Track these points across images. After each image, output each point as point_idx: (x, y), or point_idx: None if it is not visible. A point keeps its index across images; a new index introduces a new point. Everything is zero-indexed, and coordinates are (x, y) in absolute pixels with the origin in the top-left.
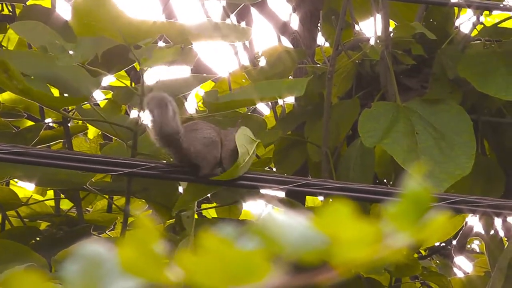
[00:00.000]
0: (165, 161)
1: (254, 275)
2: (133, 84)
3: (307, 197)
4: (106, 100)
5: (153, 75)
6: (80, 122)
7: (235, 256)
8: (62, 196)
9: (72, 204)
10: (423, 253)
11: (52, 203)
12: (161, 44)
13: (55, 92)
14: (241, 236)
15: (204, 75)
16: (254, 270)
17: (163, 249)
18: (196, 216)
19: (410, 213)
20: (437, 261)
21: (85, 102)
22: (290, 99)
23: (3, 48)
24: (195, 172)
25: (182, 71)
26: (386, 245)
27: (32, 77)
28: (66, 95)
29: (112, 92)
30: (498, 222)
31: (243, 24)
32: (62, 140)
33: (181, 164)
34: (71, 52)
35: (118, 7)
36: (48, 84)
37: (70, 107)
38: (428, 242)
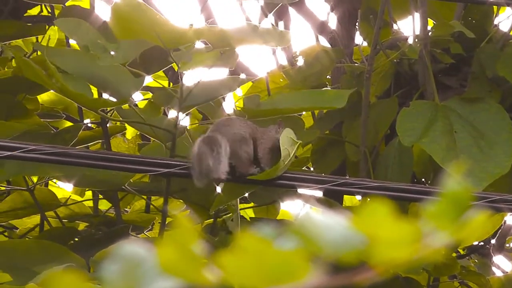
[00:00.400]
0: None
1: (293, 275)
2: (171, 84)
3: (345, 196)
4: (145, 101)
5: (192, 76)
6: (118, 122)
7: (274, 256)
8: (101, 196)
9: (111, 205)
10: (462, 252)
11: (90, 203)
12: (200, 44)
13: (95, 91)
14: (280, 236)
15: (243, 77)
16: (293, 270)
17: (202, 249)
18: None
19: (450, 212)
20: (476, 260)
21: (124, 104)
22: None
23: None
24: (232, 172)
25: (220, 72)
26: (425, 245)
27: (74, 75)
28: (105, 95)
29: (150, 93)
30: None
31: (281, 23)
32: (100, 141)
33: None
34: (112, 52)
35: (157, 13)
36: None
37: (108, 108)
38: (466, 241)
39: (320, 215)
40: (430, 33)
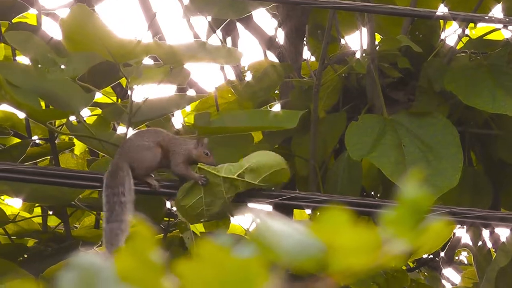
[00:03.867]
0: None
1: (251, 283)
2: (119, 100)
3: (295, 211)
4: (94, 116)
5: (141, 92)
6: (67, 138)
7: (232, 264)
8: (50, 212)
9: (60, 221)
10: (411, 265)
11: (39, 220)
12: (149, 60)
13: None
14: (237, 245)
15: (192, 92)
16: (251, 278)
17: (160, 258)
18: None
19: (408, 219)
20: (425, 273)
21: (73, 118)
22: (277, 110)
23: None
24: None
25: (169, 87)
26: (384, 252)
27: (23, 89)
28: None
29: (99, 109)
30: (486, 233)
31: (229, 39)
32: (49, 157)
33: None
34: (62, 66)
35: (105, 25)
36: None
37: (57, 123)
38: (416, 254)
39: (277, 223)
40: (377, 48)
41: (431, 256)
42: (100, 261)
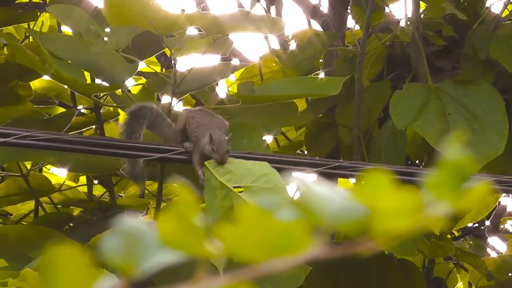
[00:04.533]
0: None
1: (294, 246)
2: (163, 70)
3: (339, 180)
4: (139, 86)
5: (185, 62)
6: (111, 108)
7: (275, 227)
8: (95, 182)
9: (105, 190)
10: (456, 234)
11: (84, 189)
12: (193, 31)
13: (88, 77)
14: (280, 209)
15: (236, 62)
16: (294, 241)
17: (202, 222)
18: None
19: (450, 181)
20: (471, 242)
21: (118, 89)
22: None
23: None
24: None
25: (213, 57)
26: (426, 214)
27: (67, 61)
28: (98, 80)
29: (143, 79)
30: None
31: (273, 8)
32: (94, 126)
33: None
34: (105, 38)
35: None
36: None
37: (101, 94)
38: (461, 222)
39: (321, 187)
40: (422, 16)
41: (476, 224)
42: (144, 226)
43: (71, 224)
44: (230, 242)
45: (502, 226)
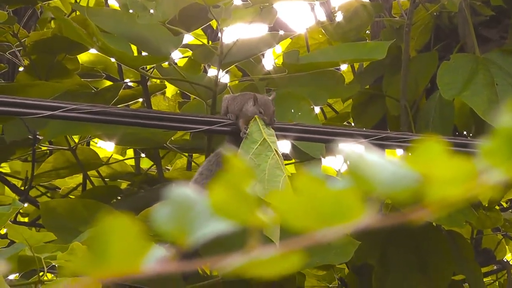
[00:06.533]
0: None
1: (347, 215)
2: (210, 42)
3: (386, 151)
4: (185, 59)
5: (231, 34)
6: (158, 81)
7: (328, 196)
8: (142, 155)
9: (152, 163)
10: (505, 205)
11: (132, 162)
12: (239, 1)
13: (135, 50)
14: (332, 178)
15: (282, 33)
16: (346, 209)
17: (255, 190)
18: None
19: (505, 149)
20: None
21: (165, 61)
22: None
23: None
24: None
25: (259, 28)
26: (480, 182)
27: (114, 35)
28: (145, 53)
29: (190, 51)
30: None
31: None
32: (141, 99)
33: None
34: (151, 10)
35: None
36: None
37: (148, 66)
38: (510, 193)
39: (373, 155)
40: None
41: None
42: (195, 194)
43: (119, 198)
44: (282, 211)
45: None
